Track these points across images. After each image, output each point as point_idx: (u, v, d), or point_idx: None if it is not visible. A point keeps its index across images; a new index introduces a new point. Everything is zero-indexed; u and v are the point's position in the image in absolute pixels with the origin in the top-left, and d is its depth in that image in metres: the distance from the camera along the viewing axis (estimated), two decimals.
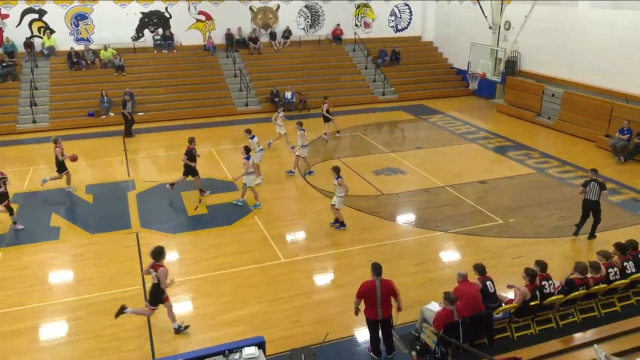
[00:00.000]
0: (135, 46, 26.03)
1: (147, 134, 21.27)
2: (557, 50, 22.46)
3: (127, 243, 12.43)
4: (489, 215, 13.86)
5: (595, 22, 20.61)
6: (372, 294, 8.19)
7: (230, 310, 9.90)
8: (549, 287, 9.23)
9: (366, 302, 8.28)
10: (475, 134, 21.23)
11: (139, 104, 23.29)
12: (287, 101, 24.49)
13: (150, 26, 26.21)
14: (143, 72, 25.05)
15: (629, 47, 19.29)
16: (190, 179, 15.10)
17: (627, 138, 18.05)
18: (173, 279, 9.56)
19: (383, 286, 8.20)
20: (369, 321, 8.44)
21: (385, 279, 8.30)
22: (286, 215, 13.99)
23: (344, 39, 29.10)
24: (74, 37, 25.14)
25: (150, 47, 26.21)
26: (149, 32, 26.23)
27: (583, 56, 21.21)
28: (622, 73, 19.64)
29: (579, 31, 21.31)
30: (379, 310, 8.23)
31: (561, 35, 22.13)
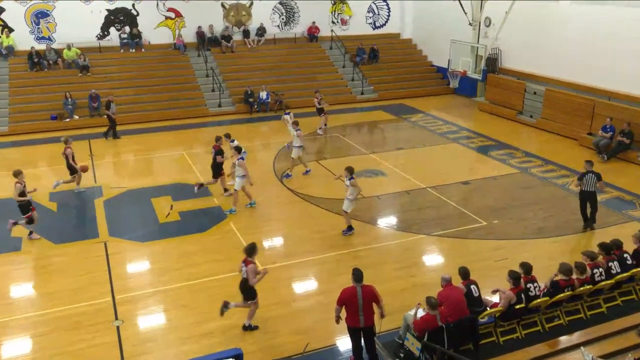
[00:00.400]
0: (100, 45, 25.68)
1: (115, 138, 20.96)
2: (538, 47, 22.86)
3: (94, 253, 12.22)
4: (473, 217, 14.00)
5: (576, 18, 21.04)
6: (354, 300, 8.19)
7: (204, 322, 9.79)
8: (535, 289, 9.34)
9: (347, 309, 8.27)
10: (456, 133, 21.46)
11: None
12: (262, 101, 24.42)
13: (117, 24, 25.90)
14: (109, 73, 24.73)
15: (610, 43, 19.73)
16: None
17: (610, 136, 18.44)
18: (266, 270, 9.79)
19: (364, 292, 8.21)
20: (351, 329, 8.43)
21: (366, 285, 8.31)
22: (263, 221, 13.93)
23: (320, 36, 29.16)
24: (35, 35, 24.69)
25: (117, 46, 25.89)
26: (115, 31, 25.91)
27: (565, 53, 21.62)
28: (604, 70, 20.07)
29: (560, 27, 21.72)
30: (360, 318, 8.23)
31: (542, 31, 22.53)
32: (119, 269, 11.60)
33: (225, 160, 14.94)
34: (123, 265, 11.83)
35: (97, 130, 21.78)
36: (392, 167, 17.57)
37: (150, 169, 17.79)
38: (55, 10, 24.64)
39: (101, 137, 20.88)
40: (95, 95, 22.52)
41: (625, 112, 18.64)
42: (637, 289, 10.57)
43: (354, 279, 8.27)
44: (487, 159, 18.62)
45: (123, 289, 10.82)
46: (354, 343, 8.56)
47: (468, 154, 19.21)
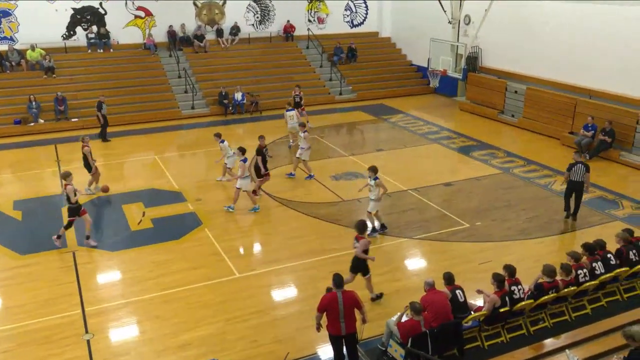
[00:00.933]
0: (66, 45, 25.32)
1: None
2: (519, 44, 23.22)
3: (62, 264, 12.03)
4: (455, 219, 14.14)
5: (556, 16, 21.43)
6: (334, 307, 8.19)
7: (180, 333, 9.71)
8: (519, 292, 9.46)
9: (328, 316, 8.26)
10: (437, 133, 21.66)
11: (72, 109, 22.65)
12: (237, 103, 24.34)
13: (83, 23, 25.57)
14: (76, 74, 24.40)
15: (591, 41, 20.14)
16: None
17: (591, 135, 18.81)
18: (374, 258, 10.41)
19: (345, 298, 8.22)
20: (332, 337, 8.43)
21: (347, 290, 8.32)
22: (240, 227, 13.88)
23: (297, 35, 29.20)
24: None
25: (84, 46, 25.56)
26: (81, 30, 25.58)
27: (545, 51, 22.00)
28: (584, 68, 20.48)
29: (541, 25, 22.10)
30: (342, 325, 8.24)
31: (522, 29, 22.89)
32: (88, 280, 11.44)
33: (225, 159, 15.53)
34: (93, 275, 11.66)
35: (64, 134, 21.46)
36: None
37: (121, 174, 17.58)
38: (17, 9, 24.20)
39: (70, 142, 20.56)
40: (62, 97, 22.19)
41: (607, 111, 19.03)
42: (621, 290, 10.79)
43: (335, 285, 8.27)
44: (469, 160, 18.83)
45: (93, 301, 10.67)
46: (335, 351, 8.56)
47: (449, 155, 19.41)
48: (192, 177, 17.23)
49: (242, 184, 14.32)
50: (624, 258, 10.69)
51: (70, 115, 22.49)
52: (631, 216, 14.32)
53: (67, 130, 21.86)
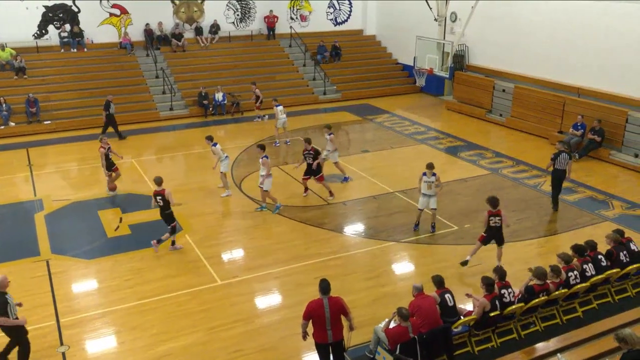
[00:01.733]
0: (38, 45, 25.03)
1: (55, 146, 20.46)
2: (506, 42, 23.45)
3: (35, 273, 11.87)
4: (444, 222, 14.21)
5: (544, 13, 21.68)
6: (321, 314, 8.18)
7: (160, 344, 9.63)
8: (509, 295, 9.54)
9: (314, 323, 8.25)
10: (424, 134, 21.78)
11: (45, 111, 22.40)
12: (217, 104, 24.25)
13: (56, 22, 25.30)
14: (48, 75, 24.13)
15: (579, 38, 20.41)
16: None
17: (580, 134, 19.04)
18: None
19: (332, 304, 8.21)
20: (319, 345, 8.41)
21: (334, 297, 8.32)
22: (222, 232, 13.82)
23: (279, 33, 29.18)
24: None
25: (57, 45, 25.29)
26: (54, 29, 25.31)
27: (533, 49, 22.25)
28: (573, 66, 20.75)
29: (528, 22, 22.35)
30: (328, 333, 8.23)
31: (510, 26, 23.13)
32: (63, 290, 11.30)
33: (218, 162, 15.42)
34: (68, 285, 11.52)
35: (36, 137, 21.22)
36: (358, 170, 17.68)
37: (97, 179, 17.38)
38: None
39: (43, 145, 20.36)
40: (34, 99, 21.93)
41: (596, 109, 19.28)
42: (613, 291, 10.93)
43: (321, 291, 8.25)
44: (457, 160, 18.95)
45: (68, 311, 10.54)
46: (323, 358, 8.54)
47: (437, 156, 19.50)
48: (172, 181, 17.05)
49: (268, 184, 14.40)
50: (614, 259, 10.83)
51: (43, 118, 22.22)
52: (622, 216, 14.51)
53: (40, 134, 21.62)
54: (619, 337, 7.20)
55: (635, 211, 14.86)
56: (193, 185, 16.69)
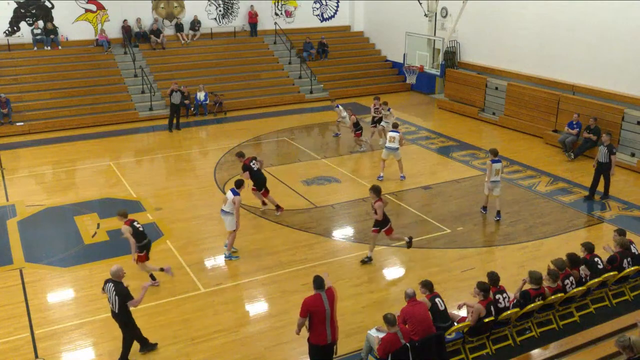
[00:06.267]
0: (9, 42, 24.77)
1: (29, 149, 20.24)
2: (498, 39, 23.59)
3: (8, 282, 11.74)
4: (436, 225, 14.26)
5: (537, 8, 21.82)
6: (320, 308, 8.16)
7: (139, 355, 9.56)
8: (504, 300, 9.58)
9: (313, 321, 8.18)
10: (415, 133, 21.85)
11: (17, 112, 22.18)
12: (199, 103, 24.15)
13: (28, 18, 25.07)
14: (20, 74, 23.89)
15: (573, 34, 20.58)
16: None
17: (576, 133, 19.19)
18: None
19: (330, 297, 8.27)
20: (316, 348, 8.34)
21: (329, 288, 8.40)
22: (204, 237, 13.74)
23: (263, 30, 29.14)
24: None
25: (29, 43, 25.04)
26: (26, 26, 25.07)
27: (527, 45, 22.40)
28: (567, 62, 20.92)
29: (520, 17, 22.50)
30: (328, 332, 8.22)
31: (502, 22, 23.27)
32: (37, 300, 11.18)
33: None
34: (43, 294, 11.40)
35: (8, 140, 20.97)
36: (346, 172, 17.69)
37: (73, 183, 17.24)
38: None
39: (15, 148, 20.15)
40: (5, 99, 21.68)
41: (591, 107, 19.45)
42: (610, 295, 11.01)
43: (317, 287, 8.30)
44: (449, 161, 19.03)
45: (43, 322, 10.44)
46: None
47: (428, 156, 19.58)
48: (151, 184, 17.02)
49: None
50: (616, 266, 10.85)
51: (15, 119, 21.99)
52: (618, 217, 14.65)
53: (12, 136, 21.36)
54: (624, 344, 7.13)
55: (632, 212, 15.01)
56: (173, 188, 16.61)
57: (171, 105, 22.02)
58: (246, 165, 14.18)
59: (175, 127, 22.22)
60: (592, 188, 15.70)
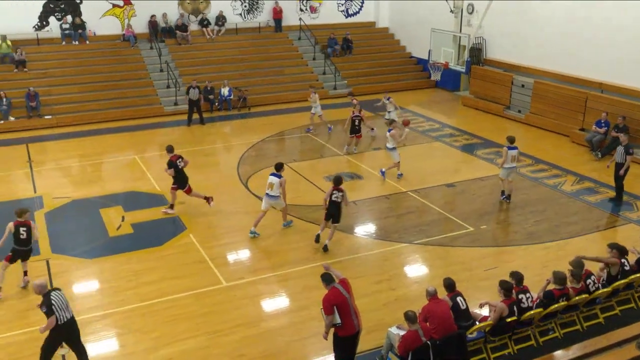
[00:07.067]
0: (38, 37, 25.19)
1: (56, 142, 20.57)
2: (525, 35, 23.27)
3: (35, 273, 11.91)
4: (459, 223, 14.15)
5: (565, 5, 21.48)
6: (343, 301, 8.17)
7: (162, 347, 9.66)
8: (527, 300, 9.47)
9: (340, 316, 8.19)
10: (439, 130, 21.69)
11: (45, 105, 22.53)
12: (223, 99, 24.27)
13: (57, 13, 25.45)
14: (49, 68, 24.27)
15: (602, 32, 20.20)
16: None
17: (604, 132, 18.86)
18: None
19: (345, 286, 8.32)
20: (345, 339, 8.35)
21: (340, 279, 8.46)
22: (226, 232, 13.83)
23: (288, 25, 29.17)
24: None
25: (58, 37, 25.43)
26: (55, 20, 25.46)
27: (554, 42, 22.07)
28: (595, 60, 20.55)
29: (548, 14, 22.17)
30: (354, 321, 8.26)
31: (529, 19, 22.95)
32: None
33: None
34: (68, 285, 11.56)
35: (36, 133, 21.34)
36: (369, 169, 17.64)
37: (98, 176, 17.48)
38: None
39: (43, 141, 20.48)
40: (34, 93, 22.05)
41: (619, 105, 19.11)
42: (636, 297, 10.81)
43: (329, 282, 8.37)
44: (473, 159, 18.86)
45: None
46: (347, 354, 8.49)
47: (452, 154, 19.43)
48: None
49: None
50: None
51: (43, 113, 22.36)
52: None
53: (40, 129, 21.74)
54: None
55: None
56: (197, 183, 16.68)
57: (189, 101, 22.18)
58: (172, 162, 14.31)
59: (200, 122, 22.37)
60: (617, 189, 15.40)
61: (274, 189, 13.06)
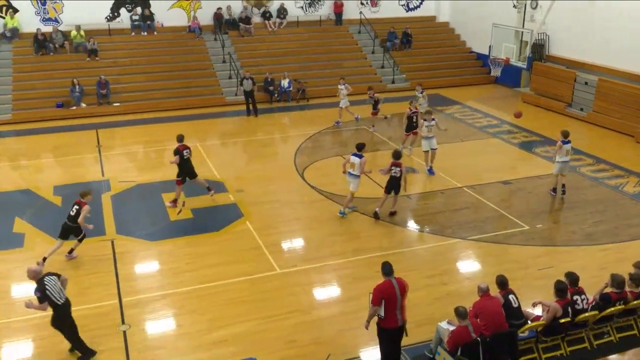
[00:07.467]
0: (110, 27, 26.03)
1: (123, 128, 21.27)
2: (590, 32, 22.41)
3: (100, 252, 12.41)
4: (514, 220, 13.83)
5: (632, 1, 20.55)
6: (392, 294, 8.15)
7: (216, 329, 9.87)
8: (582, 302, 9.21)
9: (385, 309, 8.18)
10: (497, 127, 21.22)
11: (114, 93, 23.29)
12: (283, 90, 24.47)
13: (127, 5, 26.20)
14: (119, 57, 25.05)
15: None
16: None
17: None
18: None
19: (400, 284, 8.27)
20: (387, 332, 8.35)
21: (398, 277, 8.38)
22: (282, 220, 13.97)
23: (348, 19, 29.08)
24: (41, 17, 25.13)
25: (128, 28, 26.20)
26: (125, 12, 26.23)
27: (620, 39, 21.15)
28: None
29: (615, 11, 21.25)
30: (398, 316, 8.25)
31: (595, 15, 22.07)
32: (126, 270, 11.78)
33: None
34: (131, 265, 12.00)
35: (105, 119, 22.11)
36: (424, 163, 17.43)
37: (162, 162, 17.96)
38: None
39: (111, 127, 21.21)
40: (104, 81, 22.81)
41: None
42: None
43: (386, 273, 8.30)
44: (531, 157, 18.37)
45: (130, 291, 10.98)
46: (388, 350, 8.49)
47: (509, 151, 18.99)
48: (234, 167, 17.47)
49: (354, 185, 13.85)
50: None
51: (112, 100, 23.12)
52: None
53: (109, 115, 22.51)
54: None
55: None
56: (254, 172, 16.96)
57: (244, 92, 22.42)
58: (178, 150, 14.30)
59: (253, 113, 22.54)
60: None
61: (355, 168, 13.53)
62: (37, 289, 8.69)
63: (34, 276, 8.85)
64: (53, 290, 8.75)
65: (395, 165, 13.39)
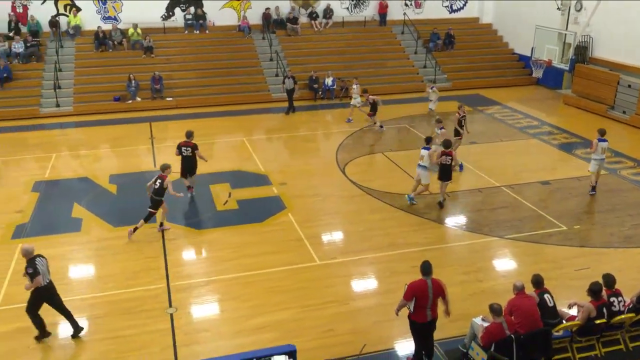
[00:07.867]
0: (165, 26, 26.52)
1: (175, 121, 21.66)
2: (635, 35, 21.65)
3: (151, 238, 12.70)
4: (551, 221, 13.51)
5: None
6: (424, 294, 8.13)
7: (258, 315, 9.99)
8: (619, 304, 8.94)
9: (416, 303, 8.19)
10: (537, 128, 20.74)
11: (167, 88, 23.75)
12: (326, 88, 24.48)
13: (182, 4, 26.64)
14: (172, 55, 25.52)
15: None
16: None
17: None
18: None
19: (435, 286, 8.21)
20: (417, 325, 8.34)
21: (435, 278, 8.31)
22: (323, 214, 14.01)
23: (392, 20, 28.84)
24: (101, 15, 25.82)
25: (181, 27, 26.67)
26: (180, 11, 26.68)
27: None
28: None
29: None
30: (428, 312, 8.23)
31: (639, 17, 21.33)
32: (174, 256, 12.02)
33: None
34: (179, 252, 12.24)
35: (158, 113, 22.57)
36: (464, 162, 17.17)
37: (210, 155, 18.13)
38: None
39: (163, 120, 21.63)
40: (158, 77, 23.29)
41: None
42: None
43: (424, 272, 8.26)
44: (571, 158, 17.89)
45: (178, 276, 11.20)
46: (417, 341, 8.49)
47: (549, 152, 18.54)
48: (278, 161, 17.59)
49: (423, 176, 14.22)
50: None
51: (165, 95, 23.58)
52: None
53: (162, 109, 22.97)
54: None
55: None
56: (297, 166, 17.04)
57: (286, 90, 22.49)
58: (179, 146, 14.51)
59: (291, 110, 22.58)
60: None
61: (424, 160, 13.92)
62: (29, 266, 8.96)
63: (25, 254, 9.12)
64: (41, 270, 9.00)
65: (446, 155, 13.66)
